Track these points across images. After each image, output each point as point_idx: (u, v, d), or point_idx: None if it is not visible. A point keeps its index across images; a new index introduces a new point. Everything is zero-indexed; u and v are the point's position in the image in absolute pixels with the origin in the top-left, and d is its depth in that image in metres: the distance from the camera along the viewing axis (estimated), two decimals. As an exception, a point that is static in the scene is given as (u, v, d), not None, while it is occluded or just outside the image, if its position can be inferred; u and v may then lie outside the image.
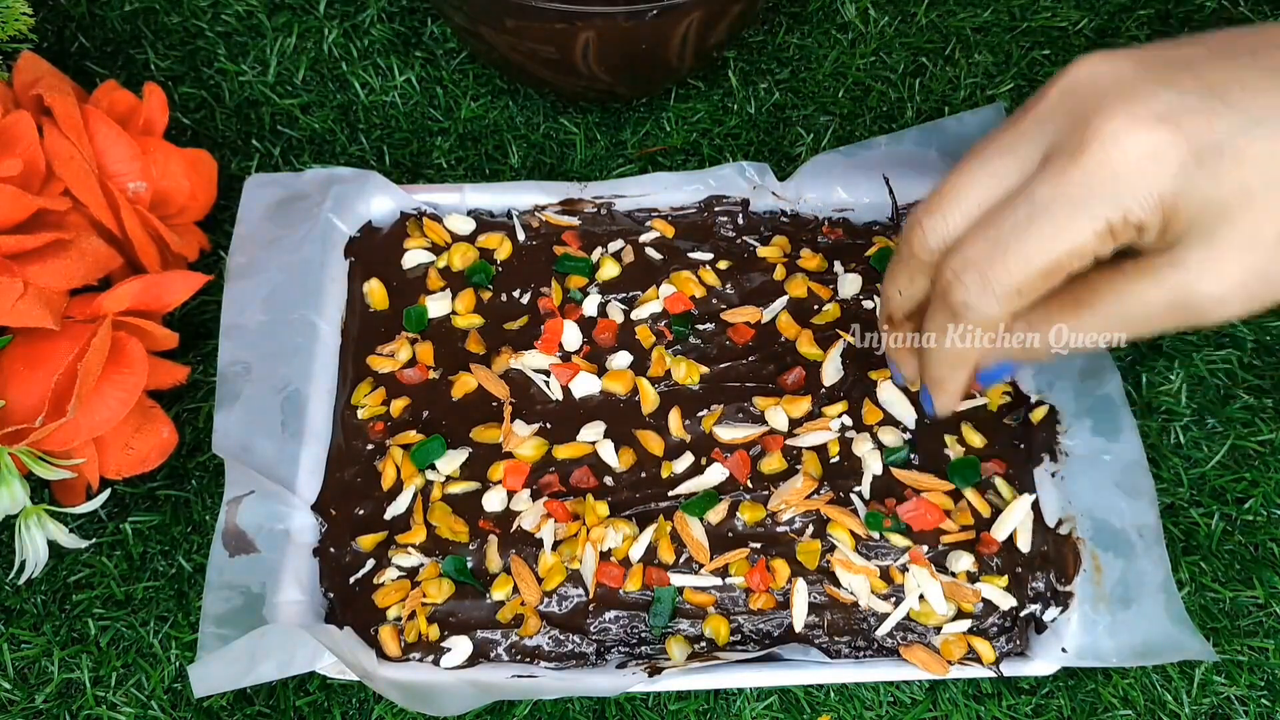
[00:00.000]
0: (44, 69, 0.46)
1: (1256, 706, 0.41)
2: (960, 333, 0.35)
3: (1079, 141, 0.31)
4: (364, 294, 0.47)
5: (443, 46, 0.57)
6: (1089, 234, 0.32)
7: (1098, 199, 0.31)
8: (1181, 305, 0.33)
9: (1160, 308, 0.33)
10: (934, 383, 0.38)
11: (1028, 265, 0.33)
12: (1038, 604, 0.41)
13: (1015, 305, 0.34)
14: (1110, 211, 0.31)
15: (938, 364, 0.37)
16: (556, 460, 0.43)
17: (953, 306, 0.34)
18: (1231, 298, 0.33)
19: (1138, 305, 0.34)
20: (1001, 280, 0.33)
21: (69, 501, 0.42)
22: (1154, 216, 0.31)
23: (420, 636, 0.40)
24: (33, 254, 0.41)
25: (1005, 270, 0.33)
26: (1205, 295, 0.32)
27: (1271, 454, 0.46)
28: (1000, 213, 0.33)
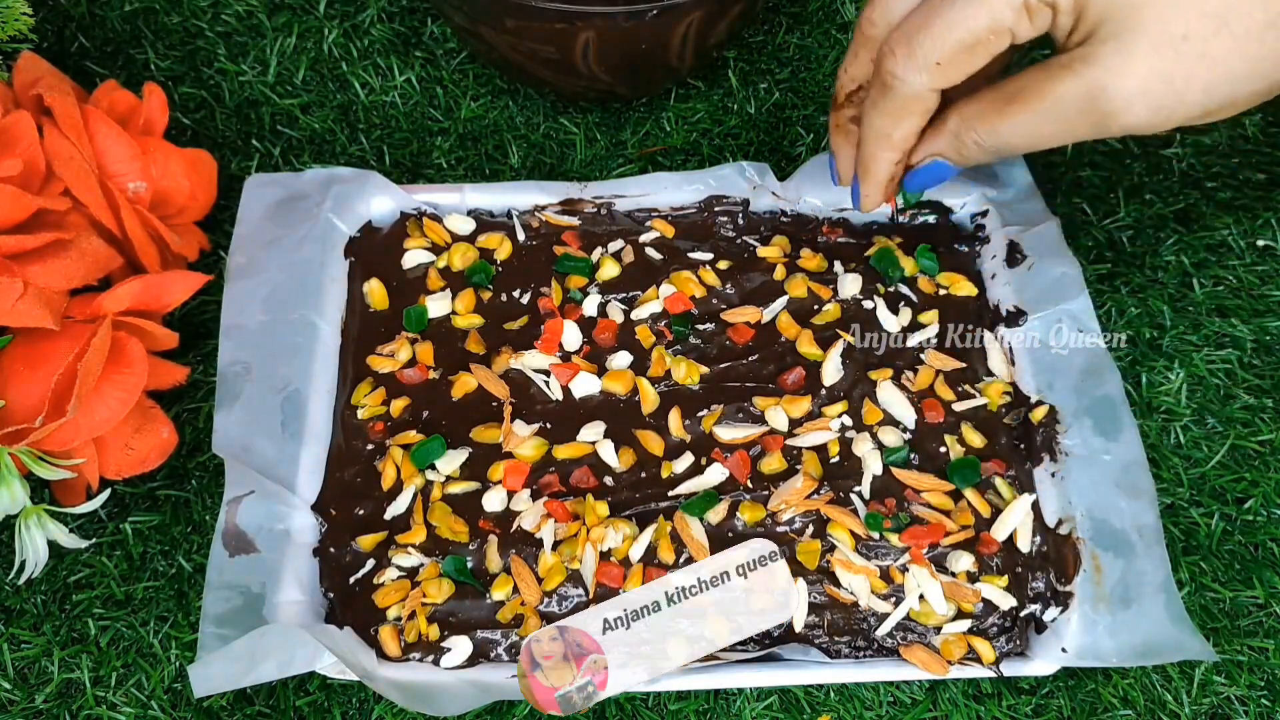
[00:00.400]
0: (44, 69, 0.46)
1: (1256, 706, 0.41)
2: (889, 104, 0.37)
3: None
4: (364, 294, 0.47)
5: (443, 46, 0.57)
6: (1004, 6, 0.34)
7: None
8: (1093, 104, 0.34)
9: (1075, 105, 0.34)
10: (862, 164, 0.40)
11: (949, 35, 0.34)
12: (1038, 604, 0.41)
13: (940, 79, 0.36)
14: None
15: (867, 140, 0.39)
16: (556, 460, 0.43)
17: (883, 77, 0.36)
18: (1137, 100, 0.33)
19: (1056, 102, 0.35)
20: (925, 50, 0.35)
21: (69, 501, 0.42)
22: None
23: (420, 636, 0.40)
24: (33, 254, 0.41)
25: (929, 40, 0.35)
26: (1114, 94, 0.33)
27: (1271, 454, 0.46)
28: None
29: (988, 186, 0.50)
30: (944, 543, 0.41)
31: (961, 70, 0.36)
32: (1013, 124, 0.37)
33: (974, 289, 0.48)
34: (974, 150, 0.38)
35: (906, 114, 0.38)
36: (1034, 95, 0.36)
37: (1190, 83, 0.33)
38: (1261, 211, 0.53)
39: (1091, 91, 0.34)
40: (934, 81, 0.36)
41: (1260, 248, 0.52)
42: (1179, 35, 0.32)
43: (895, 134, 0.39)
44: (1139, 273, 0.51)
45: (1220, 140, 0.55)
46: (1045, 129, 0.36)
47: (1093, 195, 0.53)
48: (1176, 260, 0.51)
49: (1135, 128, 0.35)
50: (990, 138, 0.38)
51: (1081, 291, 0.46)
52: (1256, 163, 0.54)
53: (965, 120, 0.38)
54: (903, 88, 0.37)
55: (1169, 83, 0.33)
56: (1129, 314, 0.49)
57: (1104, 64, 0.34)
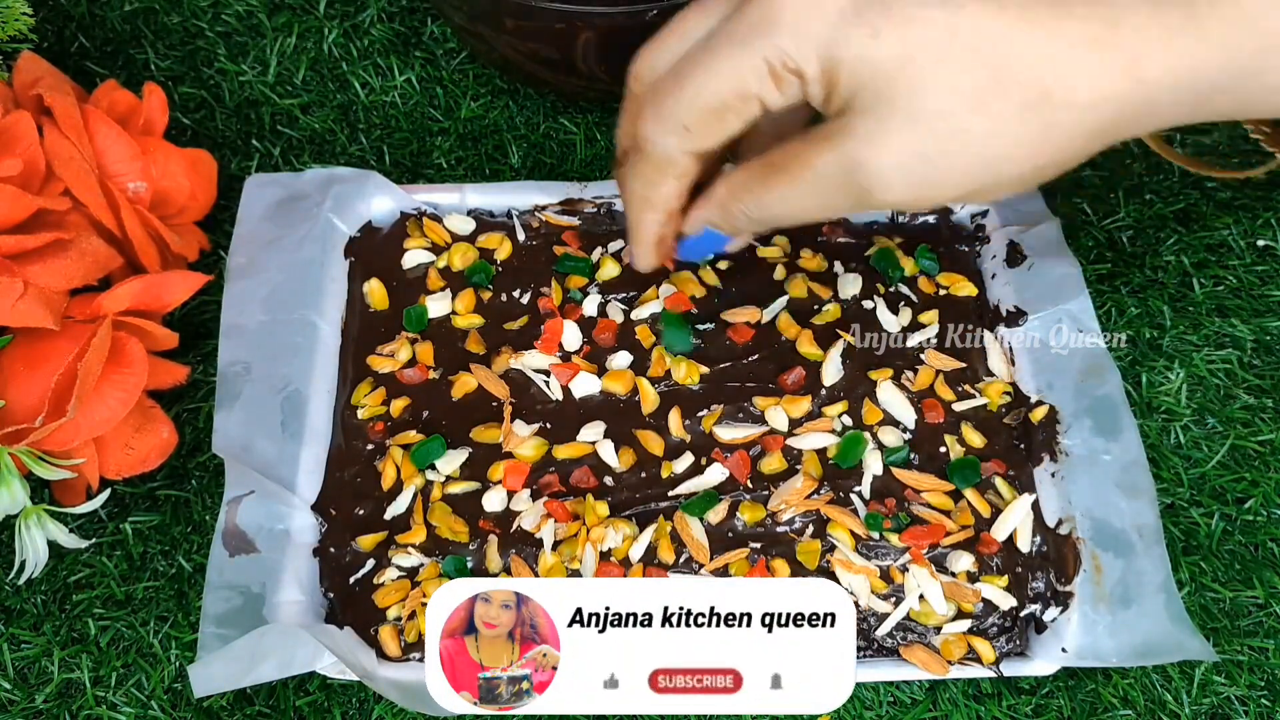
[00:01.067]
0: (44, 69, 0.46)
1: (1256, 706, 0.41)
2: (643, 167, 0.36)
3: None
4: (364, 294, 0.47)
5: (443, 46, 0.57)
6: (748, 72, 0.32)
7: (760, 39, 0.31)
8: (851, 179, 0.32)
9: (834, 179, 0.33)
10: (629, 226, 0.39)
11: (695, 100, 0.33)
12: (1038, 604, 0.41)
13: (692, 144, 0.34)
14: (769, 51, 0.31)
15: (628, 203, 0.38)
16: (556, 460, 0.43)
17: (637, 139, 0.35)
18: (895, 176, 0.32)
19: (815, 175, 0.33)
20: (673, 113, 0.34)
21: (69, 501, 0.42)
22: (813, 66, 0.31)
23: (420, 636, 0.40)
24: (33, 254, 0.41)
25: (676, 104, 0.33)
26: (872, 169, 0.32)
27: (1271, 454, 0.46)
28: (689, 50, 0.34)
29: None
30: (944, 543, 0.41)
31: (713, 136, 0.34)
32: (776, 196, 0.35)
33: (974, 289, 0.48)
34: (743, 221, 0.36)
35: (661, 177, 0.36)
36: (795, 166, 0.33)
37: (949, 161, 0.31)
38: (1261, 211, 0.53)
39: (848, 166, 0.32)
40: (686, 146, 0.34)
41: (1260, 248, 0.52)
42: (934, 112, 0.30)
43: (653, 196, 0.37)
44: (1139, 273, 0.51)
45: (1220, 140, 0.55)
46: (807, 202, 0.34)
47: (1093, 195, 0.53)
48: (1176, 260, 0.51)
49: (896, 205, 0.33)
50: (756, 209, 0.35)
51: (1081, 291, 0.46)
52: (1256, 163, 0.54)
53: (731, 189, 0.36)
54: (654, 150, 0.35)
55: (927, 160, 0.31)
56: (1129, 314, 0.49)
57: (859, 137, 0.32)
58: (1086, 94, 0.31)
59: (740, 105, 0.33)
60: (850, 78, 0.31)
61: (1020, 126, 0.31)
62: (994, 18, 0.30)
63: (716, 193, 0.36)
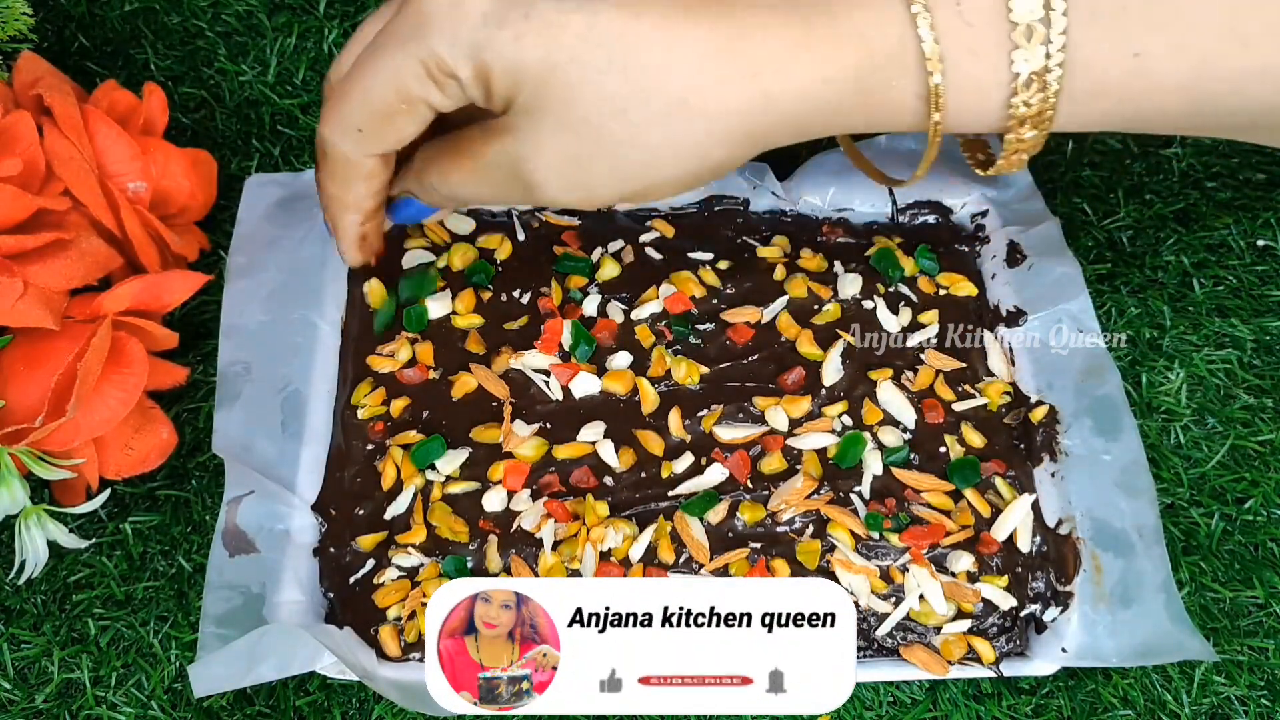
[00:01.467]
0: (44, 69, 0.46)
1: (1256, 706, 0.41)
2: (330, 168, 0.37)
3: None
4: (364, 294, 0.47)
5: (443, 46, 0.57)
6: (407, 75, 0.32)
7: (414, 40, 0.32)
8: (516, 173, 0.33)
9: (503, 171, 0.34)
10: (330, 224, 0.40)
11: (363, 103, 0.34)
12: (1038, 604, 0.41)
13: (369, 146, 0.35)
14: (423, 53, 0.32)
15: (325, 204, 0.39)
16: (556, 460, 0.43)
17: (318, 142, 0.36)
18: (551, 176, 0.33)
19: (488, 165, 0.34)
20: (346, 116, 0.34)
21: (69, 501, 0.42)
22: (466, 70, 0.32)
23: (420, 636, 0.40)
24: (33, 254, 0.41)
25: (348, 106, 0.34)
26: (532, 167, 0.33)
27: (1271, 454, 0.46)
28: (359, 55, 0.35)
29: (988, 186, 0.50)
30: (944, 543, 0.41)
31: (387, 138, 0.35)
32: (459, 177, 0.36)
33: (974, 289, 0.48)
34: (434, 194, 0.38)
35: (348, 179, 0.37)
36: (473, 153, 0.35)
37: (597, 165, 0.32)
38: (1261, 211, 0.53)
39: (513, 161, 0.33)
40: (363, 148, 0.35)
41: (1260, 248, 0.52)
42: (580, 118, 0.31)
43: (345, 197, 0.38)
44: (1139, 273, 0.51)
45: (1220, 140, 0.55)
46: (483, 189, 0.36)
47: (1093, 195, 0.53)
48: (1176, 260, 0.51)
49: (557, 203, 0.34)
50: (443, 186, 0.36)
51: (1081, 291, 0.46)
52: (1256, 163, 0.54)
53: (423, 165, 0.37)
54: (334, 152, 0.36)
55: (578, 164, 0.32)
56: (1129, 314, 0.49)
57: (519, 136, 0.33)
58: (716, 104, 0.31)
59: (406, 107, 0.33)
60: (502, 81, 0.32)
61: (661, 134, 0.32)
62: (630, 24, 0.31)
63: (414, 165, 0.38)
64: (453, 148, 0.36)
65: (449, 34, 0.32)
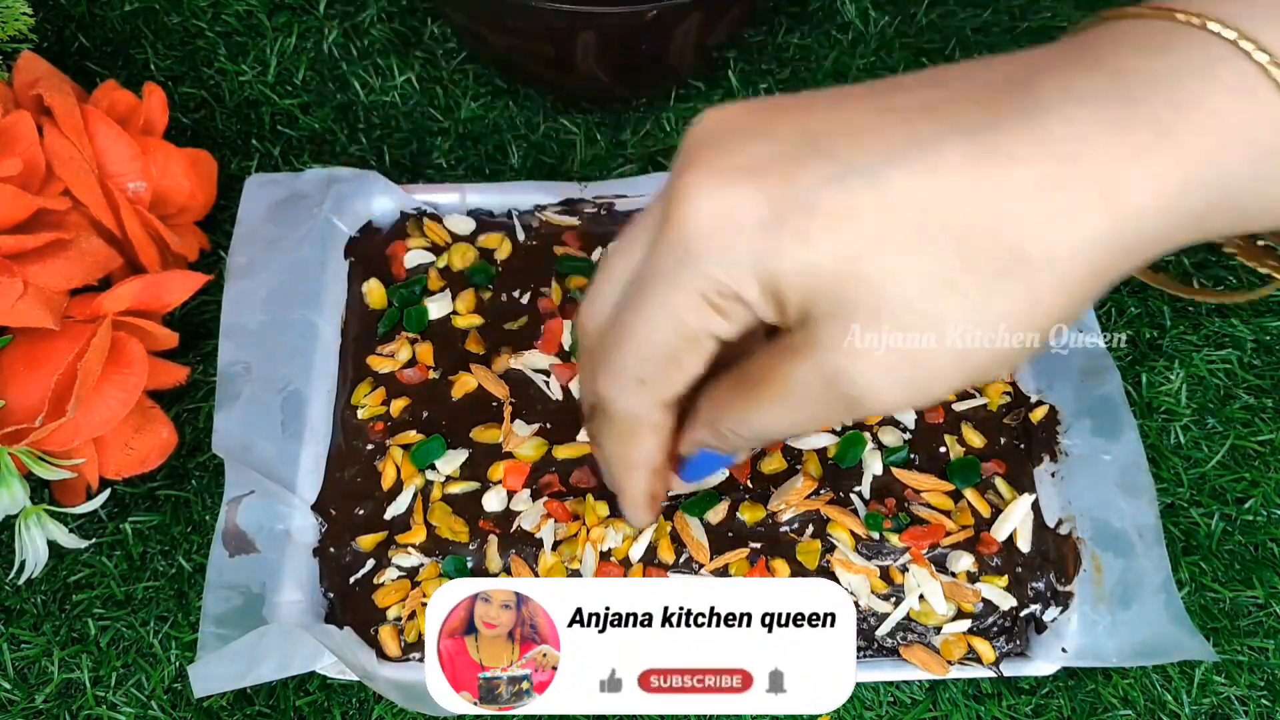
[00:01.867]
0: (44, 69, 0.46)
1: (1256, 706, 0.41)
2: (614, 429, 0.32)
3: (667, 206, 0.28)
4: (364, 294, 0.47)
5: (443, 46, 0.57)
6: (686, 310, 0.28)
7: (684, 269, 0.27)
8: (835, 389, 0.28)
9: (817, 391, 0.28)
10: (614, 487, 0.35)
11: (640, 351, 0.29)
12: (1038, 604, 0.41)
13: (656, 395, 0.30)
14: (700, 282, 0.27)
15: (609, 466, 0.34)
16: (556, 460, 0.43)
17: (597, 403, 0.31)
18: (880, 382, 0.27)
19: (796, 388, 0.29)
20: (623, 369, 0.30)
21: (69, 501, 0.42)
22: (752, 288, 0.27)
23: (420, 636, 0.40)
24: (33, 254, 0.41)
25: (625, 359, 0.30)
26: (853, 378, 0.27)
27: (1271, 454, 0.46)
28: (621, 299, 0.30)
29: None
30: (944, 543, 0.41)
31: (674, 383, 0.30)
32: (763, 414, 0.30)
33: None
34: (733, 439, 0.32)
35: (636, 436, 0.32)
36: (773, 382, 0.29)
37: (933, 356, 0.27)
38: (1261, 211, 0.52)
39: (827, 376, 0.28)
40: (649, 399, 0.31)
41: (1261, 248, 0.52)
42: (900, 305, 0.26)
43: (632, 456, 0.33)
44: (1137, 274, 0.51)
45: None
46: (797, 416, 0.30)
47: (1093, 195, 0.53)
48: (1176, 260, 0.51)
49: (894, 407, 0.29)
50: (744, 428, 0.31)
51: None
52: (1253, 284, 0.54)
53: (716, 408, 0.31)
54: (616, 409, 0.31)
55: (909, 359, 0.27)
56: (1129, 314, 0.49)
57: (829, 346, 0.27)
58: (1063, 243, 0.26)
59: (689, 345, 0.29)
60: (796, 288, 0.27)
61: (1001, 298, 0.26)
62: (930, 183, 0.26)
63: (701, 413, 0.32)
64: (744, 383, 0.30)
65: (722, 253, 0.27)
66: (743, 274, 0.27)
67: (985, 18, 0.58)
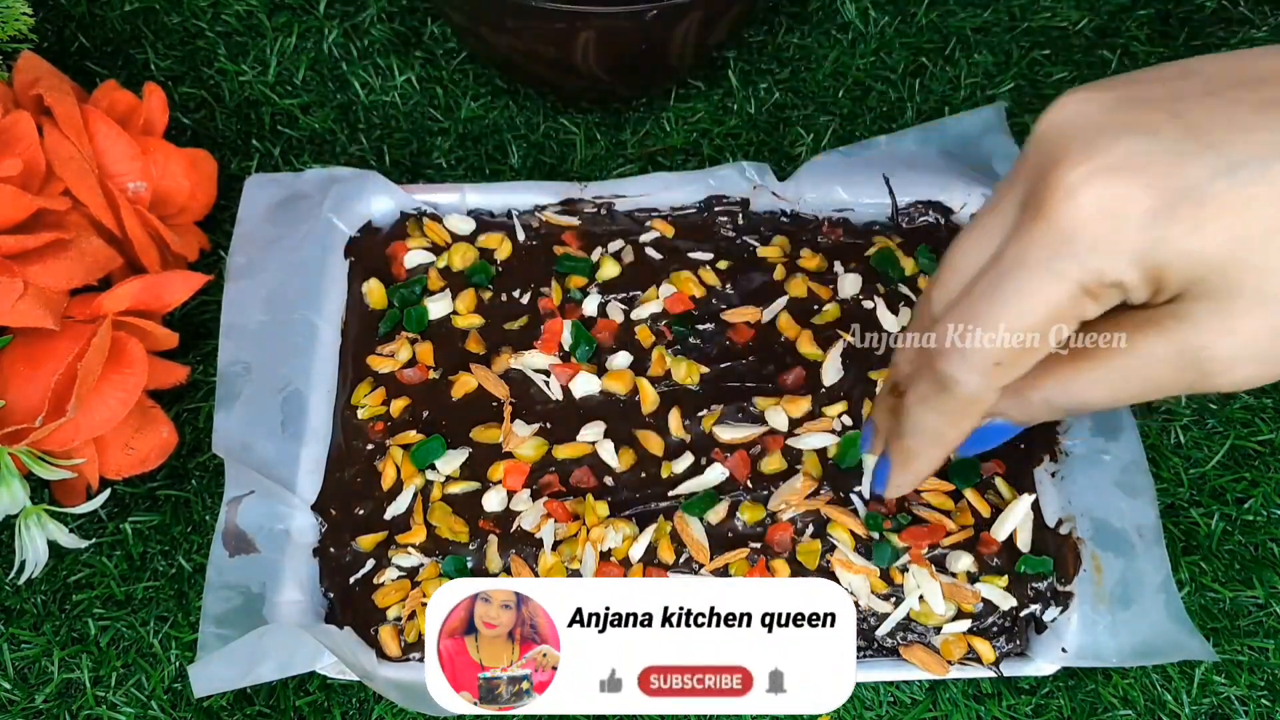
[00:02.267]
0: (44, 69, 0.46)
1: (1256, 706, 0.41)
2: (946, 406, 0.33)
3: (1040, 198, 0.29)
4: (364, 294, 0.47)
5: (443, 46, 0.57)
6: (1060, 297, 0.29)
7: (1062, 259, 0.29)
8: (1190, 364, 0.30)
9: (1167, 366, 0.31)
10: (904, 457, 0.36)
11: (1001, 338, 0.30)
12: (1038, 604, 0.41)
13: (1003, 378, 0.31)
14: (1079, 272, 0.29)
15: (914, 434, 0.35)
16: (556, 460, 0.43)
17: (938, 379, 0.32)
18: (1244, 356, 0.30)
19: (1143, 360, 0.31)
20: (981, 352, 0.31)
21: (69, 501, 0.42)
22: (1133, 275, 0.29)
23: (420, 636, 0.40)
24: (33, 254, 0.41)
25: (982, 341, 0.31)
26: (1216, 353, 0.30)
27: (1271, 454, 0.46)
28: (976, 279, 0.31)
29: (988, 187, 0.50)
30: (944, 543, 0.41)
31: (1026, 365, 0.31)
32: (1090, 381, 0.32)
33: (974, 289, 0.48)
34: (1041, 409, 0.34)
35: (966, 416, 0.33)
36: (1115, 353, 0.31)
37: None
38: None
39: (1186, 351, 0.30)
40: (997, 382, 0.32)
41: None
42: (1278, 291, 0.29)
43: (950, 434, 0.34)
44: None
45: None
46: (1129, 386, 0.32)
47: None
48: None
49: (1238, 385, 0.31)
50: (1062, 395, 0.33)
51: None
52: None
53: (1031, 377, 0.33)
54: (961, 390, 0.32)
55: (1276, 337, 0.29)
56: (1129, 314, 0.49)
57: (1199, 325, 0.29)
58: None
59: (1055, 330, 0.30)
60: (1180, 274, 0.29)
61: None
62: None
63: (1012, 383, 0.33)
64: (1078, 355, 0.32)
65: (1109, 245, 0.28)
66: (1127, 263, 0.28)
67: (985, 18, 0.58)
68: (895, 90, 0.56)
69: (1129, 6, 0.58)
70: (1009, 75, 0.56)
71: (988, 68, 0.57)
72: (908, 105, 0.55)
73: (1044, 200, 0.29)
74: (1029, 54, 0.57)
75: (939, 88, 0.56)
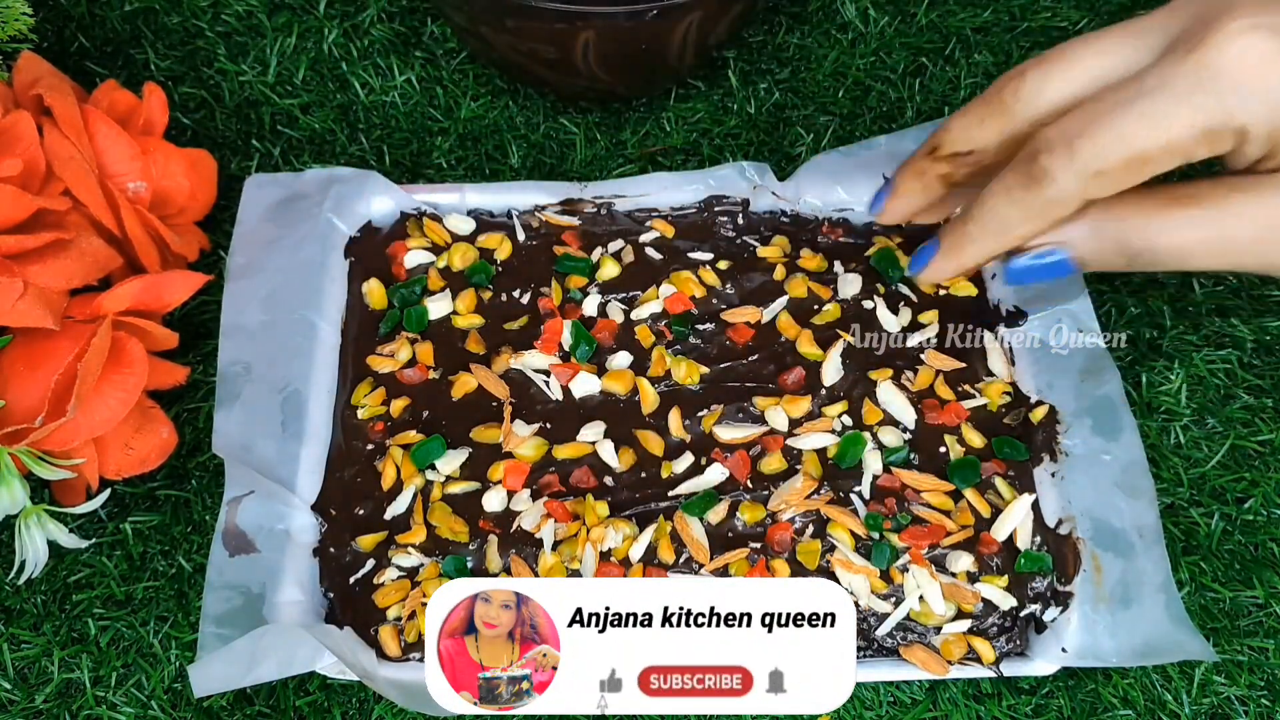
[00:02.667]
0: (44, 69, 0.46)
1: (1256, 706, 0.41)
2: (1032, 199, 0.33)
3: (1198, 37, 0.30)
4: (364, 294, 0.47)
5: (443, 46, 0.57)
6: (1188, 128, 0.30)
7: (1204, 94, 0.30)
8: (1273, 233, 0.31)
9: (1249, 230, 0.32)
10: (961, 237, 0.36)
11: (1117, 148, 0.31)
12: (1037, 604, 0.41)
13: (1097, 189, 0.32)
14: (1214, 109, 0.30)
15: (981, 220, 0.35)
16: (556, 460, 0.43)
17: (1033, 171, 0.33)
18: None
19: (1230, 217, 0.32)
20: (1089, 157, 0.32)
21: (69, 501, 0.42)
22: (1260, 126, 0.30)
23: (420, 636, 0.40)
24: (33, 254, 0.41)
25: (1095, 147, 0.32)
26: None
27: (1271, 454, 0.46)
28: (1106, 91, 0.32)
29: (988, 186, 0.50)
30: (944, 543, 0.41)
31: (1122, 183, 0.32)
32: (1172, 223, 0.33)
33: (974, 289, 0.48)
34: (1110, 248, 0.34)
35: (1046, 215, 0.34)
36: (1207, 202, 0.32)
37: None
38: (1261, 211, 0.53)
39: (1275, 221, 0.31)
40: (1090, 190, 0.33)
41: (1260, 248, 0.52)
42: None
43: (1022, 229, 0.35)
44: (1139, 272, 0.51)
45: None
46: (1206, 241, 0.32)
47: (1093, 195, 0.53)
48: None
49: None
50: (1138, 235, 0.33)
51: (1082, 291, 0.46)
52: None
53: (1112, 211, 0.33)
54: (1053, 188, 0.33)
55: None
56: (1129, 314, 0.49)
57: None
58: None
59: (1166, 159, 0.31)
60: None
61: None
62: None
63: (1088, 213, 0.34)
64: (1166, 196, 0.33)
65: (1250, 90, 0.30)
66: (1260, 113, 0.30)
67: (985, 18, 0.58)
68: (895, 90, 0.56)
69: (1129, 6, 0.58)
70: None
71: (988, 68, 0.57)
72: (908, 105, 0.55)
73: (1204, 40, 0.30)
74: (1029, 54, 0.57)
75: (939, 88, 0.56)
